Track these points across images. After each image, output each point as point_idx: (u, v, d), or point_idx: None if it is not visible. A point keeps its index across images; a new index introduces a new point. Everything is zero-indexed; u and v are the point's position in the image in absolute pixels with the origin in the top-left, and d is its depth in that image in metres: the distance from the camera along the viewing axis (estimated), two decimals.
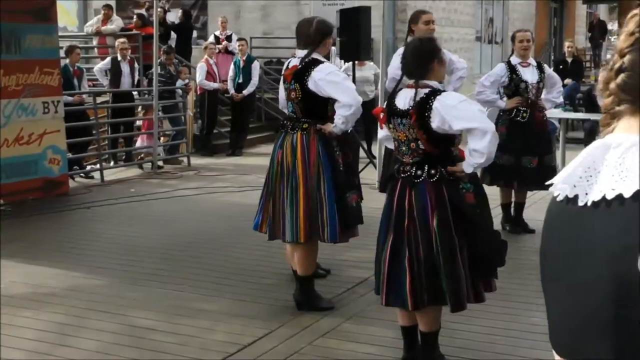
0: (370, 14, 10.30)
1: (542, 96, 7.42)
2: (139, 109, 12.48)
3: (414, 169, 4.03)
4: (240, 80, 13.01)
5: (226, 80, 13.20)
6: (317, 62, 5.02)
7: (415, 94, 3.98)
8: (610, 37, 30.51)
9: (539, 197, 8.61)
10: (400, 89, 4.16)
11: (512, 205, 7.53)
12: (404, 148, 4.09)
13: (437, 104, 3.94)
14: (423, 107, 3.96)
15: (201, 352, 4.57)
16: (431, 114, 3.94)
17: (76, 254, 6.66)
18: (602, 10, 28.66)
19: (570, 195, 1.25)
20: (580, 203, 1.23)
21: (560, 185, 1.29)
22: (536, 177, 7.04)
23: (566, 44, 14.70)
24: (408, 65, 4.11)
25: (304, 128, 5.08)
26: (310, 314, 5.15)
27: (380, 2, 10.03)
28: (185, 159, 11.90)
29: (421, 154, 4.03)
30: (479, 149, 3.93)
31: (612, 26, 38.41)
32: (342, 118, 4.96)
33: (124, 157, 12.20)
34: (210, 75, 12.95)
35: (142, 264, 6.38)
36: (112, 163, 11.72)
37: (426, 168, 4.01)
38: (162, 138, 12.34)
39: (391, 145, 4.41)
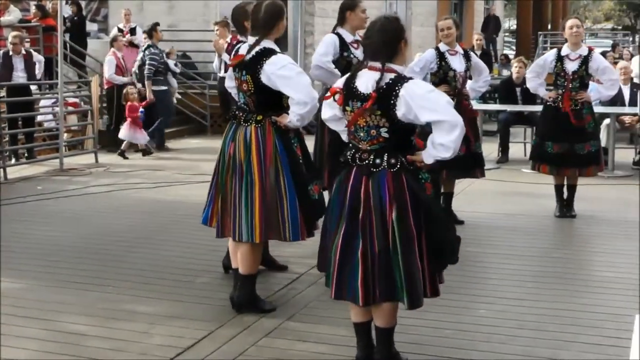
0: (287, 4, 10.08)
1: (468, 85, 7.41)
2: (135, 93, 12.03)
3: (372, 157, 3.83)
4: None
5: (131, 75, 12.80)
6: (269, 53, 4.68)
7: (381, 77, 3.78)
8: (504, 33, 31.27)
9: (461, 189, 8.62)
10: (359, 70, 3.95)
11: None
12: (362, 134, 3.86)
13: (404, 91, 3.73)
14: (389, 94, 3.75)
15: (140, 357, 4.27)
16: (397, 101, 3.74)
17: None
18: (498, 6, 29.24)
19: None
20: None
21: None
22: (465, 165, 7.04)
23: (475, 37, 14.90)
24: (373, 44, 3.87)
25: (259, 120, 4.77)
26: (250, 314, 4.90)
27: None
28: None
29: (381, 142, 3.83)
30: (445, 142, 3.74)
31: (508, 23, 39.38)
32: (297, 116, 4.67)
33: (25, 155, 11.63)
34: (119, 69, 12.51)
35: (65, 264, 5.99)
36: (13, 160, 11.14)
37: (385, 157, 3.81)
38: (66, 134, 11.86)
39: (337, 127, 4.15)
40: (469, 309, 5.02)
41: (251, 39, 4.81)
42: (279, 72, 4.62)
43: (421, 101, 3.71)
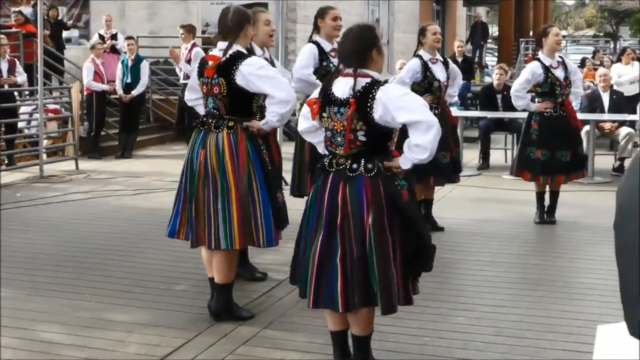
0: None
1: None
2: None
3: (349, 162, 3.83)
4: (129, 80, 12.61)
5: (113, 81, 12.74)
6: (243, 56, 4.70)
7: (355, 82, 3.78)
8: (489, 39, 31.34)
9: (442, 195, 8.63)
10: (336, 77, 3.95)
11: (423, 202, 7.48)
12: (339, 139, 3.86)
13: (381, 94, 3.74)
14: (365, 97, 3.76)
15: None
16: (374, 104, 3.74)
17: None
18: (481, 13, 29.41)
19: None
20: None
21: None
22: (450, 171, 7.11)
23: (456, 43, 14.92)
24: (346, 51, 3.89)
25: (230, 126, 4.74)
26: (227, 322, 4.86)
27: (270, 1, 9.83)
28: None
29: (359, 146, 3.82)
30: (421, 143, 3.73)
31: (490, 29, 39.53)
32: (277, 115, 4.66)
33: (5, 162, 11.54)
34: (97, 76, 12.45)
35: (42, 272, 5.94)
36: None
37: (363, 162, 3.81)
38: (46, 140, 11.79)
39: (313, 140, 4.15)
40: (448, 315, 5.01)
41: (221, 44, 4.81)
42: (258, 72, 4.62)
43: (398, 102, 3.73)
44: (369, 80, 3.81)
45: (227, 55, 4.70)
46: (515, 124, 10.73)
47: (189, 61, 11.37)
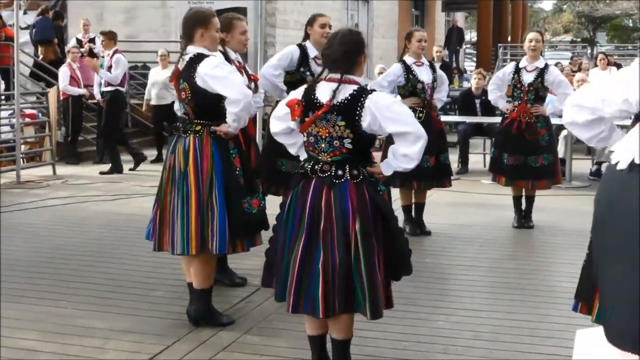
0: (246, 15, 10.07)
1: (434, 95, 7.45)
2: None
3: (334, 169, 3.82)
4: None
5: (90, 85, 12.66)
6: (201, 57, 4.67)
7: (337, 88, 3.78)
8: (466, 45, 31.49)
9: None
10: (318, 81, 3.94)
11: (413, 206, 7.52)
12: (323, 145, 3.84)
13: (369, 102, 3.75)
14: (354, 104, 3.77)
15: None
16: (362, 112, 3.75)
17: None
18: (459, 18, 29.52)
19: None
20: None
21: None
22: (434, 175, 7.12)
23: (434, 48, 14.97)
24: (333, 55, 3.87)
25: (197, 131, 4.72)
26: (206, 328, 4.84)
27: (248, 4, 9.82)
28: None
29: (344, 152, 3.82)
30: (409, 154, 3.78)
31: (469, 35, 39.74)
32: (233, 115, 4.62)
33: None
34: (74, 80, 12.37)
35: (19, 279, 5.87)
36: None
37: (347, 168, 3.81)
38: (23, 145, 11.70)
39: (287, 141, 4.13)
40: (427, 320, 5.02)
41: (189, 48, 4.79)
42: (211, 72, 4.60)
43: (387, 112, 3.74)
44: (355, 87, 3.82)
45: (187, 59, 4.69)
46: (494, 129, 10.78)
47: (109, 68, 11.31)
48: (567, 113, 3.48)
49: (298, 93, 3.98)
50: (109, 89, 11.39)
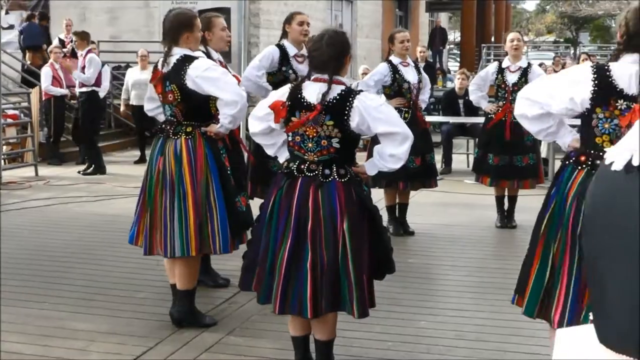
0: (230, 15, 10.06)
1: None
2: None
3: (321, 168, 3.82)
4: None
5: (73, 86, 12.59)
6: (190, 59, 4.65)
7: (328, 90, 3.78)
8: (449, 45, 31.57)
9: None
10: (303, 81, 3.94)
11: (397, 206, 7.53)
12: (310, 144, 3.84)
13: (358, 103, 3.77)
14: (342, 105, 3.78)
15: None
16: (351, 112, 3.76)
17: None
18: (442, 19, 29.58)
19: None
20: None
21: None
22: (420, 175, 7.13)
23: (418, 49, 14.98)
24: (321, 55, 3.86)
25: (188, 132, 4.71)
26: (189, 329, 4.83)
27: (232, 5, 9.81)
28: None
29: (331, 152, 3.82)
30: (397, 154, 3.82)
31: (453, 35, 39.88)
32: (229, 117, 4.62)
33: None
34: (56, 81, 12.30)
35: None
36: None
37: (334, 167, 3.82)
38: (5, 146, 11.63)
39: (267, 142, 4.12)
40: (411, 320, 5.02)
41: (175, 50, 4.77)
42: (204, 74, 4.58)
43: (375, 113, 3.77)
44: (343, 87, 3.83)
45: (174, 61, 4.66)
46: (477, 129, 10.81)
47: (83, 68, 11.25)
48: (519, 106, 3.69)
49: (281, 94, 3.97)
50: (84, 89, 11.32)
